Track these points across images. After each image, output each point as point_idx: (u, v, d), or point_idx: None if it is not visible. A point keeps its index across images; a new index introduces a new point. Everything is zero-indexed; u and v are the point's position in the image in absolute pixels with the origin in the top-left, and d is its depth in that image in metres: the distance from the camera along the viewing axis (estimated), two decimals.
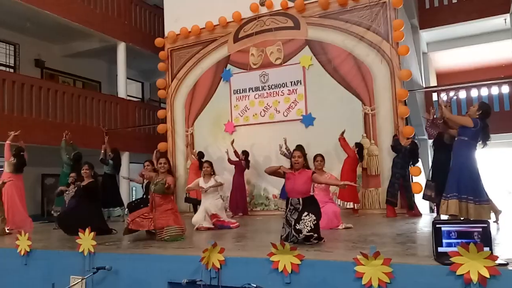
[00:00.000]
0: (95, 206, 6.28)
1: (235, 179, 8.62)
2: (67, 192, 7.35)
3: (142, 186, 7.74)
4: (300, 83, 9.09)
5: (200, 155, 8.94)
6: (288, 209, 4.49)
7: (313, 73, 8.97)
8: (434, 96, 11.76)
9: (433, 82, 14.99)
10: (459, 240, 2.93)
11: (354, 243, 4.28)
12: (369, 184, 8.06)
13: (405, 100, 8.17)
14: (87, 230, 4.47)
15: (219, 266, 3.63)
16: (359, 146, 7.64)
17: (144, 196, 7.31)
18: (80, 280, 4.26)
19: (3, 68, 10.87)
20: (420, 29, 12.21)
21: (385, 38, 8.30)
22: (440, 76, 16.07)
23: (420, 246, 4.05)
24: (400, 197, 7.25)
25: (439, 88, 11.79)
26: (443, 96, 7.29)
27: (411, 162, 7.30)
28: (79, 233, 4.48)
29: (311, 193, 4.59)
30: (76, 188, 6.67)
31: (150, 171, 6.25)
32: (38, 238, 5.71)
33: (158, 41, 10.83)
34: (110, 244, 4.99)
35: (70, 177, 7.56)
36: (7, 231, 6.54)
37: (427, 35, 12.76)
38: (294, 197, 4.44)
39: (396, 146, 7.29)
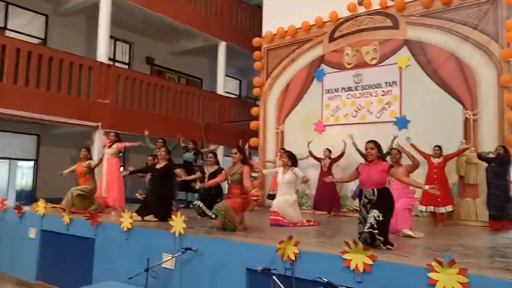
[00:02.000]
0: (165, 189, 6.24)
1: (320, 176, 8.56)
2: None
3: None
4: (396, 84, 8.82)
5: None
6: (362, 203, 4.32)
7: (410, 74, 8.63)
8: None
9: None
10: None
11: (434, 251, 4.13)
12: (465, 193, 7.57)
13: None
14: (178, 213, 4.93)
15: (294, 258, 3.79)
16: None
17: None
18: (171, 257, 4.72)
19: (119, 65, 12.15)
20: None
21: (494, 38, 7.70)
22: None
23: (510, 261, 3.78)
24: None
25: None
26: None
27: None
28: (172, 216, 4.97)
29: (387, 185, 4.40)
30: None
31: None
32: None
33: (255, 40, 11.25)
34: (199, 228, 5.42)
35: (148, 160, 8.19)
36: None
37: None
38: (368, 187, 4.25)
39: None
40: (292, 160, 6.46)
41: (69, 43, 10.69)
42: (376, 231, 4.02)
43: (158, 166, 6.34)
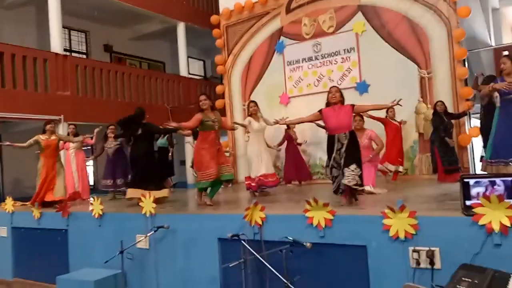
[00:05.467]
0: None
1: (289, 149, 8.73)
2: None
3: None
4: (354, 50, 8.99)
5: None
6: (336, 148, 4.34)
7: (366, 39, 8.80)
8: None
9: (508, 39, 13.87)
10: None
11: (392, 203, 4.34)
12: (426, 149, 7.89)
13: (464, 60, 7.81)
14: (147, 194, 5.01)
15: (260, 223, 3.94)
16: None
17: None
18: (143, 237, 4.80)
19: (76, 55, 11.87)
20: None
21: None
22: None
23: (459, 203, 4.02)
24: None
25: (506, 45, 10.96)
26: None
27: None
28: (141, 197, 5.03)
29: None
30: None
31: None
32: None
33: (213, 18, 11.16)
34: (168, 207, 5.51)
35: (109, 129, 8.26)
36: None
37: None
38: (340, 132, 4.34)
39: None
40: (258, 107, 6.71)
41: (21, 37, 10.35)
42: (361, 187, 4.30)
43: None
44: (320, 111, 4.56)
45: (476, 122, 7.84)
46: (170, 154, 9.10)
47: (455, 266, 2.74)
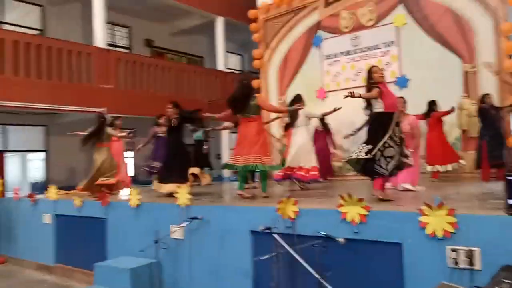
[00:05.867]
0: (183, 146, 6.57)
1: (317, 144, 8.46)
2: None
3: None
4: (394, 44, 8.74)
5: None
6: (391, 128, 4.30)
7: (407, 33, 8.53)
8: None
9: None
10: None
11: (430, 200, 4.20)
12: (469, 146, 7.58)
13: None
14: (182, 186, 5.09)
15: (293, 217, 3.92)
16: None
17: None
18: (178, 227, 4.89)
19: (119, 49, 12.21)
20: None
21: None
22: None
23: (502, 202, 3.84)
24: None
25: None
26: None
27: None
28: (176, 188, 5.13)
29: None
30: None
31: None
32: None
33: (251, 12, 11.16)
34: (204, 199, 5.58)
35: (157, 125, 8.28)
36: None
37: None
38: (395, 110, 4.43)
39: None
40: None
41: (67, 32, 10.77)
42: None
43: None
44: (379, 86, 4.40)
45: None
46: (206, 147, 9.19)
47: (496, 267, 2.62)
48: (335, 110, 6.87)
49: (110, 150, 7.24)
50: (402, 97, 5.95)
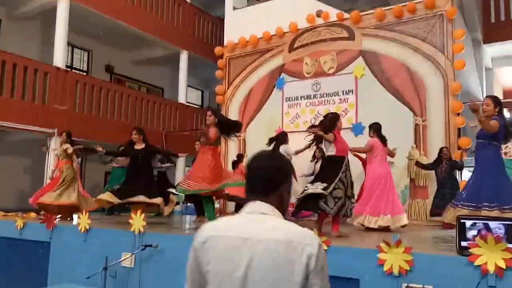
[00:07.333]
0: (151, 171, 6.63)
1: None
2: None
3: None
4: (352, 93, 9.20)
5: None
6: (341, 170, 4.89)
7: (365, 83, 9.05)
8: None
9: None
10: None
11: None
12: (416, 195, 7.96)
13: (460, 113, 8.02)
14: (138, 211, 4.93)
15: None
16: None
17: None
18: (130, 255, 4.69)
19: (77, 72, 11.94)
20: (484, 43, 11.83)
21: (441, 50, 8.23)
22: (508, 93, 15.29)
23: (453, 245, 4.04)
24: None
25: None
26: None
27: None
28: (132, 214, 4.95)
29: None
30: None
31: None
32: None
33: (217, 49, 11.41)
34: (158, 225, 5.42)
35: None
36: None
37: (492, 49, 12.27)
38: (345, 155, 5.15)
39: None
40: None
41: (24, 49, 10.39)
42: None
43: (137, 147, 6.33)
44: (333, 132, 5.11)
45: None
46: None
47: None
48: (305, 148, 7.05)
49: None
50: None
